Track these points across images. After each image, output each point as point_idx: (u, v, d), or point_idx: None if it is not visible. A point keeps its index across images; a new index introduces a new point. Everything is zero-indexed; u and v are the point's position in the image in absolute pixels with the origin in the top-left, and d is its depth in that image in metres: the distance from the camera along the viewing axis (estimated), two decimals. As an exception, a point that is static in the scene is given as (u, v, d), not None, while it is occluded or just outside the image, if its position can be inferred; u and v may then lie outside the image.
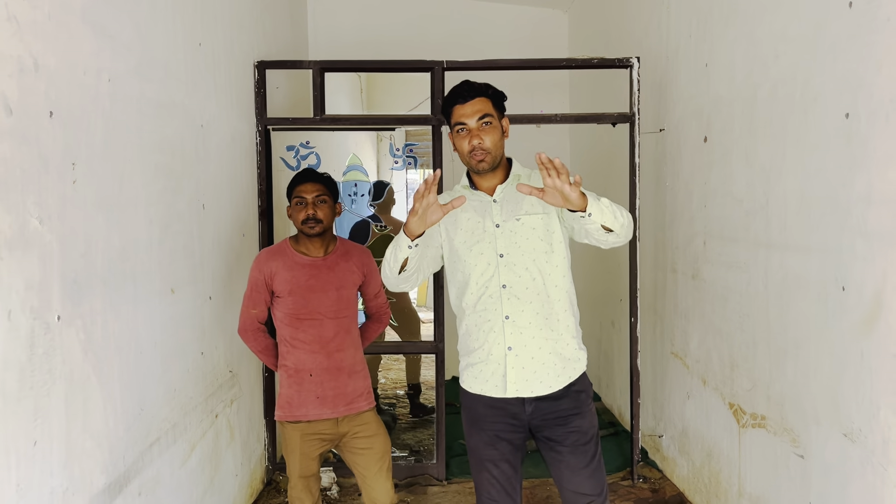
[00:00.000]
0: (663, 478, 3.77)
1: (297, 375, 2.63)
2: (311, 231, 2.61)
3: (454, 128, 2.18)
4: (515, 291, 2.14)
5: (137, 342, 2.23)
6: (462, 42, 5.49)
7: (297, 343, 2.63)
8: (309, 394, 2.62)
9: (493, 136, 2.14)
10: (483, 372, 2.20)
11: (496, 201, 2.20)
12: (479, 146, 2.12)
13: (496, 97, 2.20)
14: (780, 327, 2.57)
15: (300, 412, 2.62)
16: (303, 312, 2.62)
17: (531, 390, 2.15)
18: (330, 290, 2.64)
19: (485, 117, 2.13)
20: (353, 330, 2.72)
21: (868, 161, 2.04)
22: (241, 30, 3.46)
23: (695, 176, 3.33)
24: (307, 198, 2.61)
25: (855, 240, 2.10)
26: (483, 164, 2.15)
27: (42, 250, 1.70)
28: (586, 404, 2.23)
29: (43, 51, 1.71)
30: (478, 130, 2.13)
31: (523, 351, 2.15)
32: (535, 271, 2.15)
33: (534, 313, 2.15)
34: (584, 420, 2.21)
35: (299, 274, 2.63)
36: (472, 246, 2.19)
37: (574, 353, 2.21)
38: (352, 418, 2.67)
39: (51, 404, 1.73)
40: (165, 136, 2.47)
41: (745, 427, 2.86)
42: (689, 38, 3.35)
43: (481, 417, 2.22)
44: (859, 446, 2.10)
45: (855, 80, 2.10)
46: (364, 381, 2.72)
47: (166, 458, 2.43)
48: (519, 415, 2.19)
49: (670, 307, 3.68)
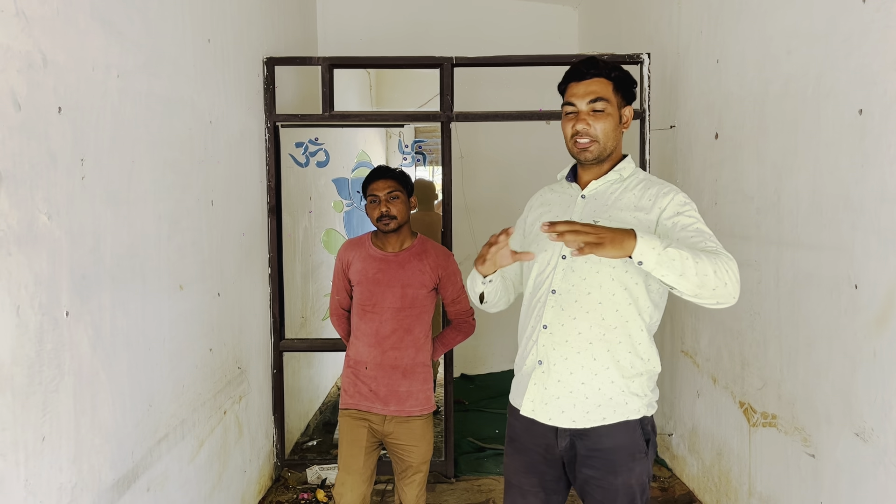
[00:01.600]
0: (673, 476, 3.75)
1: (355, 367, 2.66)
2: (387, 228, 2.60)
3: (563, 108, 1.90)
4: (563, 300, 1.84)
5: (146, 338, 2.23)
6: (472, 38, 5.46)
7: (359, 334, 2.66)
8: (363, 386, 2.63)
9: (605, 125, 1.84)
10: (520, 383, 1.97)
11: (584, 196, 1.92)
12: (584, 131, 1.83)
13: (621, 81, 1.87)
14: (791, 326, 2.55)
15: (352, 401, 2.65)
16: (367, 304, 2.63)
17: (549, 417, 1.86)
18: (395, 286, 2.61)
19: (598, 101, 1.83)
20: (415, 330, 2.64)
21: (881, 158, 2.01)
22: (251, 26, 3.46)
23: (706, 173, 3.30)
24: (380, 195, 2.60)
25: (868, 237, 2.08)
26: (586, 153, 1.85)
27: (51, 246, 1.70)
28: (624, 460, 1.84)
29: (52, 46, 1.71)
30: (586, 115, 1.84)
31: (551, 370, 1.85)
32: (595, 285, 1.82)
33: (575, 331, 1.82)
34: (617, 478, 1.83)
35: (370, 266, 2.65)
36: (540, 241, 1.92)
37: (619, 395, 1.82)
38: (400, 421, 2.62)
39: (59, 400, 1.74)
40: (174, 132, 2.48)
41: (755, 426, 2.84)
42: (700, 34, 3.32)
43: (518, 437, 1.98)
44: (871, 446, 2.07)
45: (869, 76, 2.07)
46: (423, 385, 2.65)
47: (175, 453, 2.43)
48: (552, 447, 1.90)
49: (680, 305, 3.66)
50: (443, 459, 3.79)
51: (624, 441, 1.84)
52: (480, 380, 5.63)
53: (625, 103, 1.89)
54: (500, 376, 5.60)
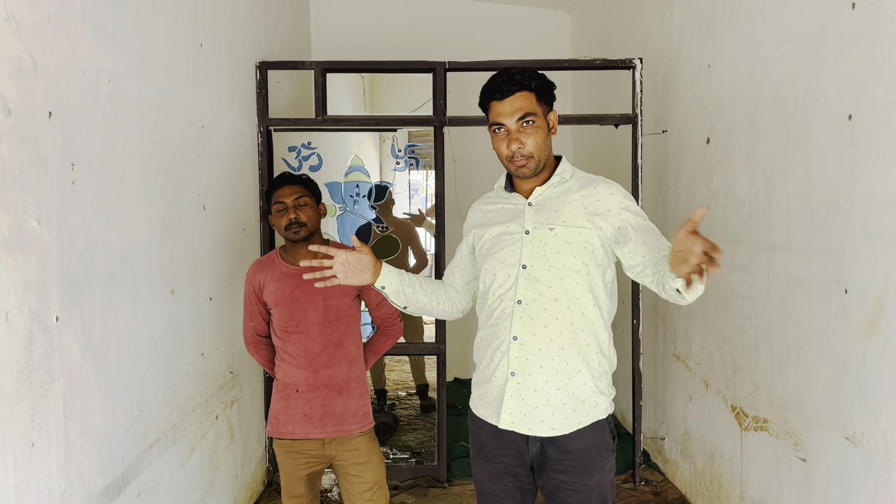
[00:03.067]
0: (665, 480, 3.76)
1: (285, 391, 2.50)
2: (296, 236, 2.44)
3: (490, 127, 1.88)
4: (531, 310, 1.84)
5: (137, 343, 2.22)
6: (465, 43, 5.48)
7: (286, 357, 2.50)
8: (296, 411, 2.48)
9: (537, 138, 1.83)
10: (487, 394, 1.93)
11: (531, 205, 1.91)
12: (518, 151, 1.82)
13: (542, 89, 1.86)
14: (782, 330, 2.56)
15: (286, 430, 2.49)
16: (290, 325, 2.47)
17: (529, 427, 1.85)
18: (316, 300, 2.46)
19: (526, 117, 1.81)
20: (345, 344, 2.51)
21: (871, 163, 2.03)
22: (243, 30, 3.46)
23: (697, 178, 3.32)
24: (287, 202, 2.44)
25: (858, 242, 2.09)
26: (524, 169, 1.85)
27: (40, 251, 1.70)
28: (596, 459, 1.87)
29: (42, 51, 1.71)
30: (518, 132, 1.82)
31: (527, 380, 1.84)
32: (560, 291, 1.83)
33: (547, 339, 1.83)
34: (591, 478, 1.87)
35: (285, 285, 2.48)
36: (495, 253, 1.91)
37: (591, 396, 1.85)
38: (341, 441, 2.50)
39: (49, 405, 1.73)
40: (166, 136, 2.47)
41: (747, 430, 2.85)
42: (692, 40, 3.34)
43: (486, 446, 1.96)
44: (861, 450, 2.08)
45: (858, 82, 2.09)
46: (359, 401, 2.53)
47: (166, 459, 2.42)
48: (523, 453, 1.90)
49: (672, 309, 3.67)
50: (435, 464, 3.78)
51: (594, 440, 1.87)
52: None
53: (549, 109, 1.89)
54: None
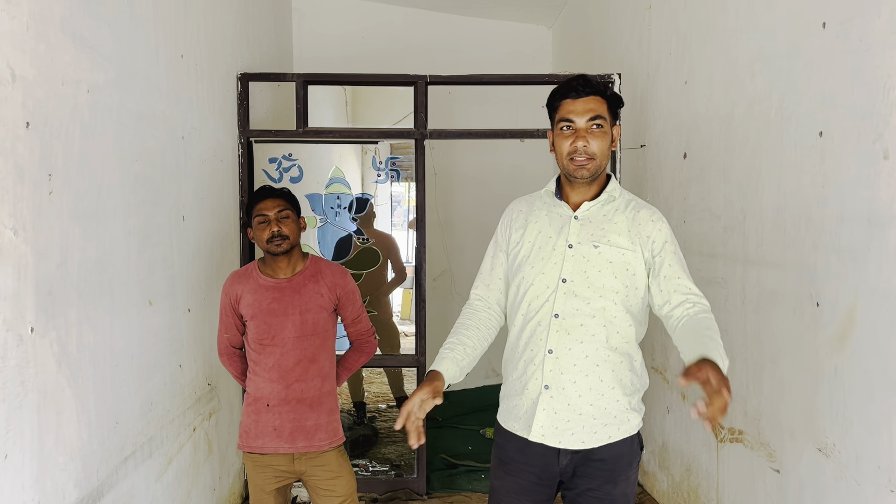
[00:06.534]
0: (643, 492, 3.78)
1: (255, 404, 2.49)
2: (278, 249, 2.45)
3: (557, 124, 1.87)
4: (568, 325, 1.84)
5: (113, 354, 2.21)
6: (446, 57, 5.52)
7: (258, 370, 2.49)
8: (266, 425, 2.47)
9: (602, 143, 1.84)
10: (517, 407, 1.94)
11: (577, 218, 1.90)
12: (583, 149, 1.82)
13: (613, 100, 1.89)
14: (756, 342, 2.59)
15: (256, 443, 2.48)
16: (265, 338, 2.47)
17: (559, 440, 1.87)
18: (293, 313, 2.46)
19: (597, 119, 1.83)
20: (319, 359, 2.51)
21: (841, 179, 2.07)
22: (225, 42, 3.46)
23: (674, 191, 3.36)
24: (269, 214, 2.45)
25: (829, 256, 2.13)
26: (584, 170, 1.84)
27: (16, 261, 1.69)
28: (623, 471, 1.91)
29: (20, 61, 1.70)
30: (585, 132, 1.82)
31: (560, 394, 1.85)
32: (598, 309, 1.84)
33: (583, 355, 1.84)
34: (616, 487, 1.91)
35: (262, 297, 2.48)
36: (535, 263, 1.90)
37: (623, 413, 1.89)
38: (311, 457, 2.50)
39: (23, 417, 1.71)
40: (145, 147, 2.47)
41: (723, 442, 2.87)
42: (669, 56, 3.39)
43: (511, 460, 1.97)
44: (833, 461, 2.11)
45: (829, 99, 2.13)
46: (329, 416, 2.53)
47: (142, 471, 2.40)
48: (551, 466, 1.92)
49: (650, 322, 3.70)
50: (415, 476, 3.78)
51: (623, 451, 1.91)
52: (455, 396, 5.62)
53: (615, 122, 1.91)
54: (474, 392, 5.59)
